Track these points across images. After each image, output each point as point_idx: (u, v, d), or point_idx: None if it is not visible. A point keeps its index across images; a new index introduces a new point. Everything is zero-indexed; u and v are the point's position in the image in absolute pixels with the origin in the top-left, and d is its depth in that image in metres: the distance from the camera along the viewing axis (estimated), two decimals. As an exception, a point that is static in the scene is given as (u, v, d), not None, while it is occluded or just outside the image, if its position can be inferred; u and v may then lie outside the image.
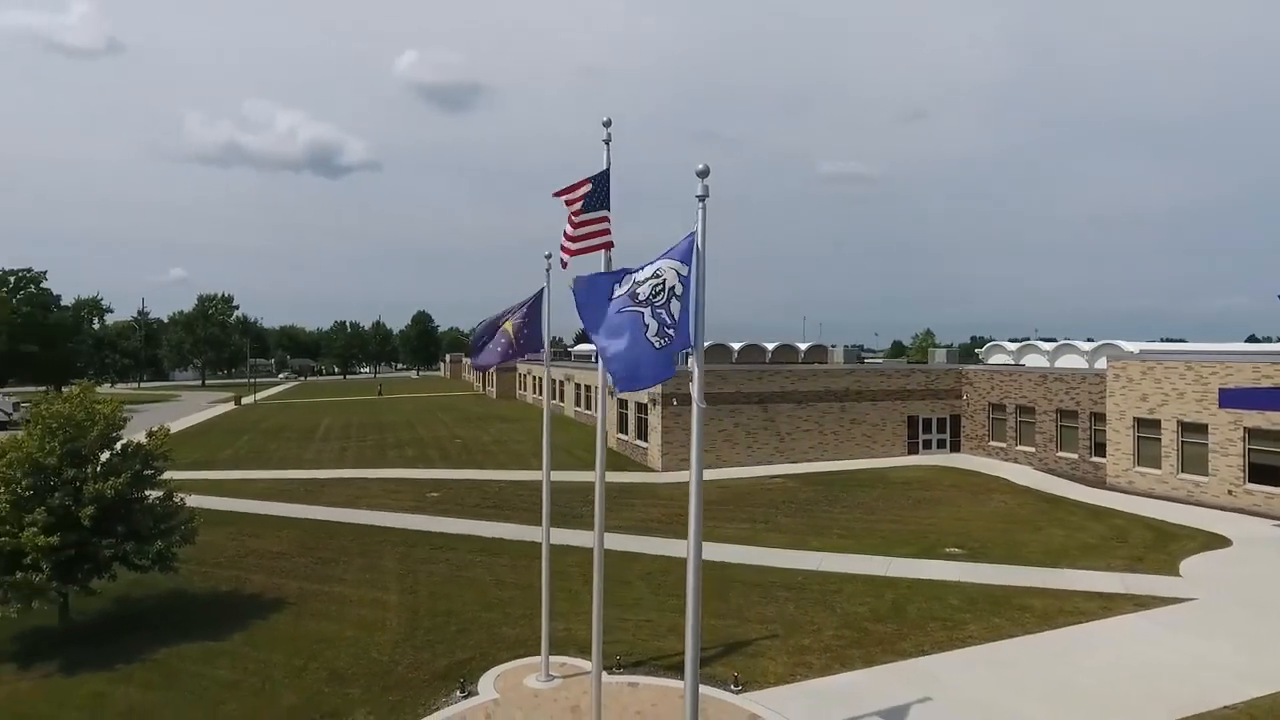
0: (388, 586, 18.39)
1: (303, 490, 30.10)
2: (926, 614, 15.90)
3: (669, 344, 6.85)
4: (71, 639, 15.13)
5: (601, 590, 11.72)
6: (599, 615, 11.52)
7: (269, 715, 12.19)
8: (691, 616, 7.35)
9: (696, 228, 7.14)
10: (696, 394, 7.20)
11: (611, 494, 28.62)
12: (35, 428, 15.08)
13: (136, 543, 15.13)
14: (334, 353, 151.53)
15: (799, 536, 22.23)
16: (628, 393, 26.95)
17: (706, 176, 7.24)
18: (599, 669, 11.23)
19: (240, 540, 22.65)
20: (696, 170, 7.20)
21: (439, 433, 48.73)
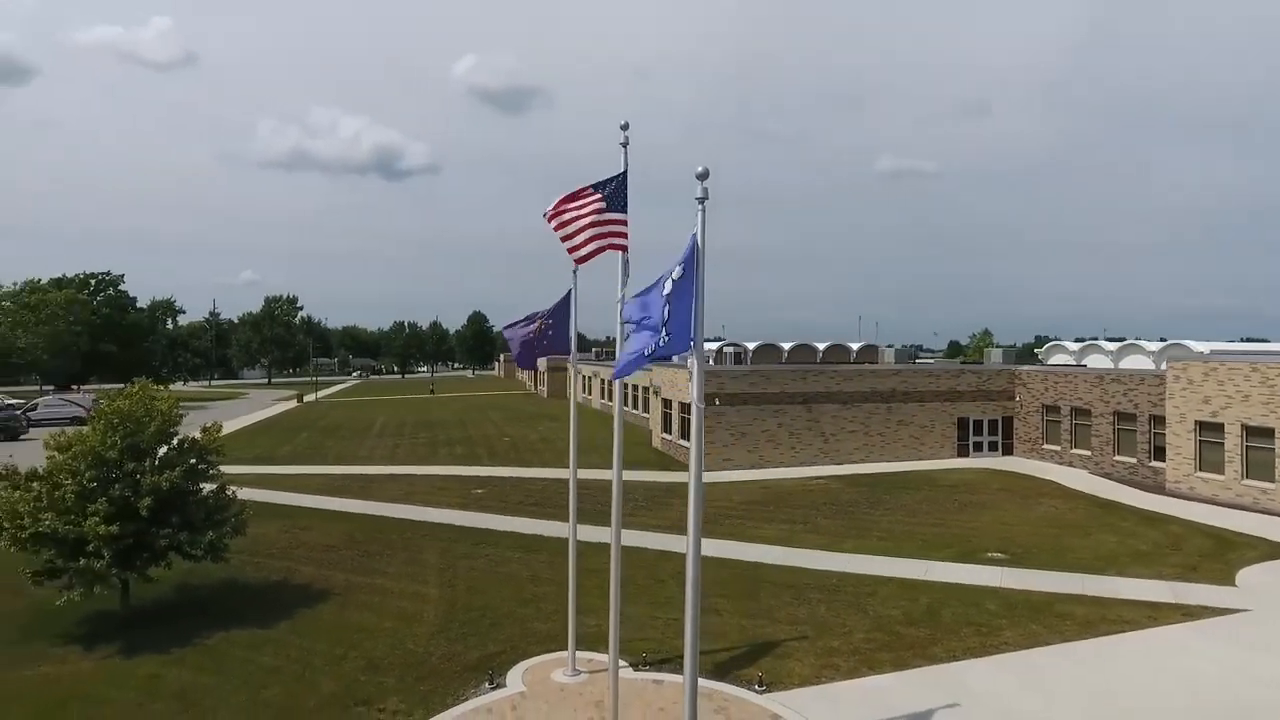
0: (428, 580, 18.91)
1: (355, 486, 31.08)
2: (961, 619, 15.64)
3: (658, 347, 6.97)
4: (132, 623, 15.98)
5: (619, 587, 11.90)
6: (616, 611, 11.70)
7: (307, 701, 12.71)
8: (690, 612, 7.46)
9: (696, 229, 7.26)
10: (695, 394, 7.32)
11: (652, 493, 28.96)
12: (99, 423, 15.99)
13: (190, 533, 15.92)
14: (393, 352, 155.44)
15: (837, 538, 22.04)
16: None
17: (706, 179, 7.35)
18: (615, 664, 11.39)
19: (292, 533, 23.55)
20: (696, 173, 7.32)
21: (488, 431, 49.64)
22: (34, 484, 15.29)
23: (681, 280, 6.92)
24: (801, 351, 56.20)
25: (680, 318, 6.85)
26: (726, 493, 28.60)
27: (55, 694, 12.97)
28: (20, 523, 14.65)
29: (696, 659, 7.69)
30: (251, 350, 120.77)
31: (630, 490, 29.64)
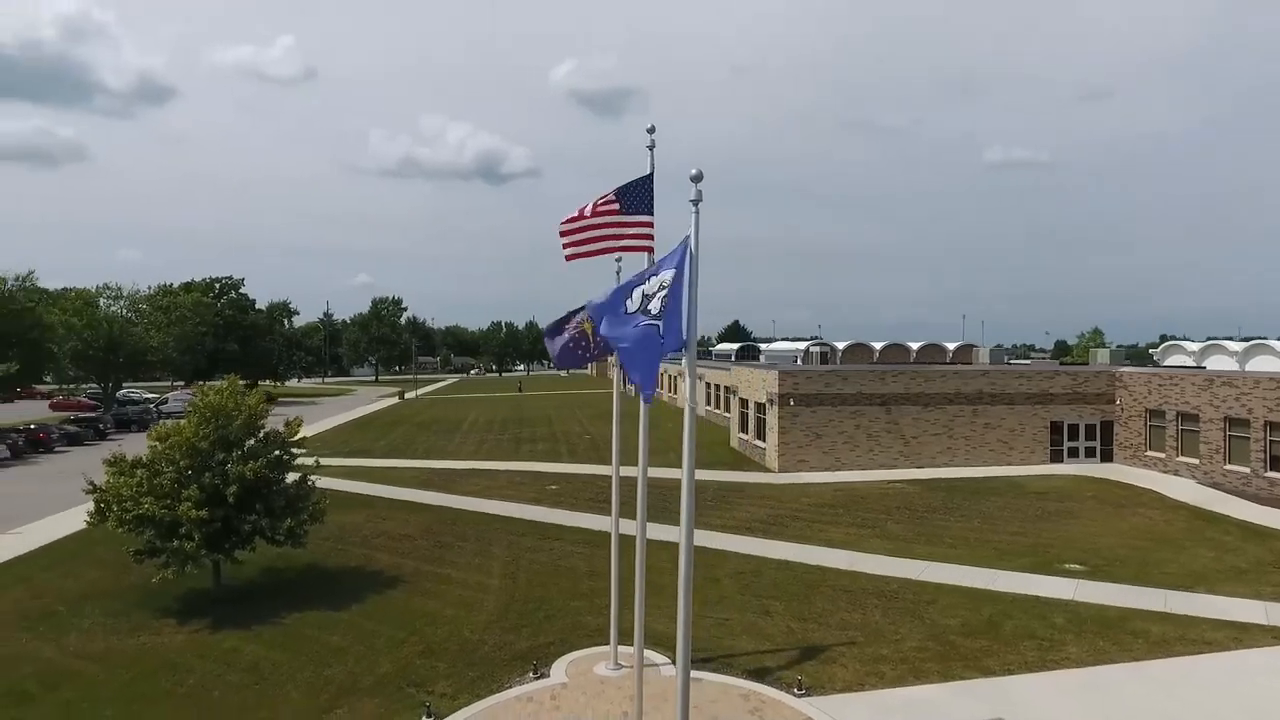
0: (492, 571, 19.63)
1: (439, 479, 32.46)
2: (1023, 632, 14.99)
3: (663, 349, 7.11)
4: (222, 601, 17.36)
5: (644, 584, 12.07)
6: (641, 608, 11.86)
7: (365, 679, 13.51)
8: (683, 606, 7.58)
9: (690, 232, 7.38)
10: (688, 395, 7.43)
11: (722, 492, 28.94)
12: (194, 416, 17.46)
13: (271, 519, 17.16)
14: (491, 351, 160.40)
15: (906, 544, 21.44)
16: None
17: (700, 181, 7.45)
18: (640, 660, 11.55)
19: (375, 522, 24.88)
20: (690, 175, 7.43)
21: (571, 428, 50.68)
22: (138, 471, 16.84)
23: (675, 285, 7.05)
24: (894, 351, 54.64)
25: (671, 319, 6.99)
26: (798, 495, 28.25)
27: (149, 662, 14.28)
28: (125, 505, 16.19)
29: (689, 653, 7.78)
30: (360, 349, 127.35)
31: (701, 489, 29.74)
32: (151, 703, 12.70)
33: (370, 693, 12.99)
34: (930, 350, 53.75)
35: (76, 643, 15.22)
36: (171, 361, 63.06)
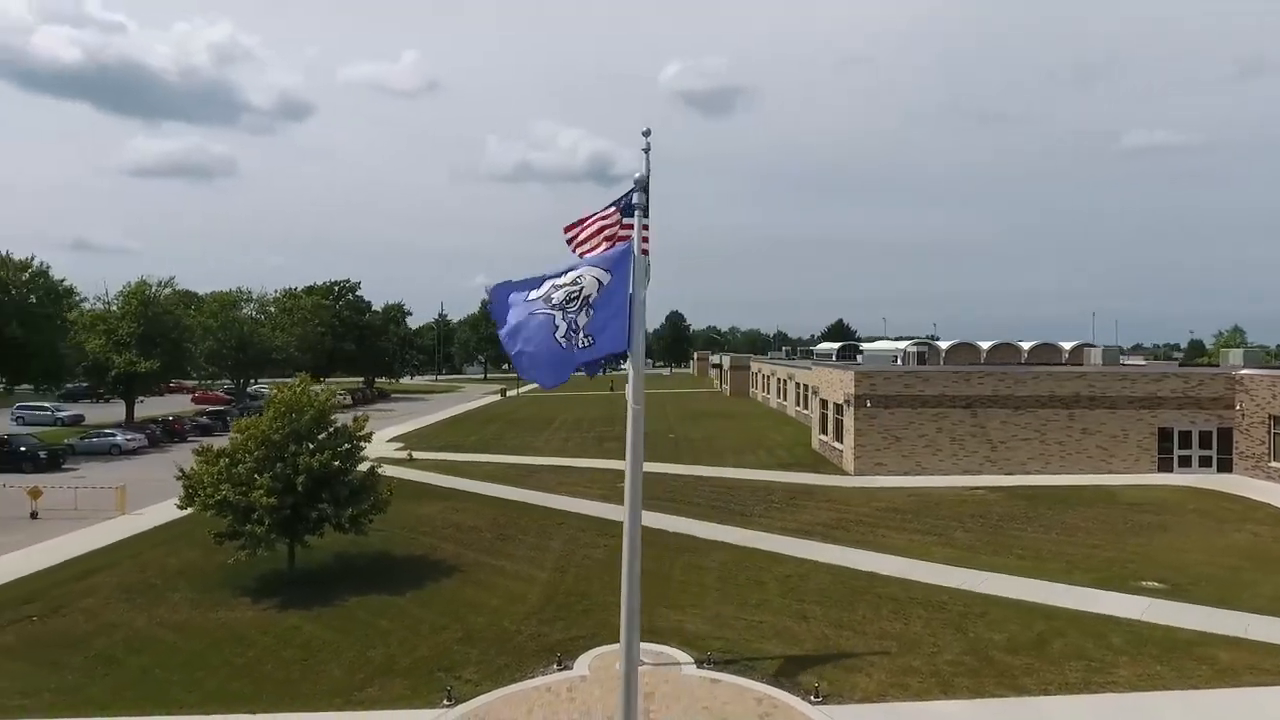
0: (544, 565, 20.22)
1: (517, 474, 33.57)
2: (1073, 651, 14.10)
3: (574, 348, 7.27)
4: (293, 582, 18.71)
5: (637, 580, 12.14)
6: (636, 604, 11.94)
7: (402, 661, 14.30)
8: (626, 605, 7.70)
9: (633, 235, 7.50)
10: (631, 396, 7.56)
11: (792, 494, 28.52)
12: (270, 411, 18.92)
13: (336, 508, 18.38)
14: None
15: (970, 553, 20.50)
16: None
17: (646, 187, 7.56)
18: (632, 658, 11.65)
19: (448, 514, 26.07)
20: (634, 178, 7.56)
21: (656, 427, 50.99)
22: (221, 460, 18.42)
23: (613, 286, 7.20)
24: (1003, 351, 52.00)
25: (604, 321, 7.14)
26: (868, 499, 27.46)
27: (219, 634, 15.64)
28: (207, 492, 17.78)
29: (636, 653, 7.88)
30: (470, 348, 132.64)
31: (768, 490, 29.44)
32: (212, 671, 13.93)
33: (403, 674, 13.74)
34: (1043, 350, 50.78)
35: (163, 613, 16.84)
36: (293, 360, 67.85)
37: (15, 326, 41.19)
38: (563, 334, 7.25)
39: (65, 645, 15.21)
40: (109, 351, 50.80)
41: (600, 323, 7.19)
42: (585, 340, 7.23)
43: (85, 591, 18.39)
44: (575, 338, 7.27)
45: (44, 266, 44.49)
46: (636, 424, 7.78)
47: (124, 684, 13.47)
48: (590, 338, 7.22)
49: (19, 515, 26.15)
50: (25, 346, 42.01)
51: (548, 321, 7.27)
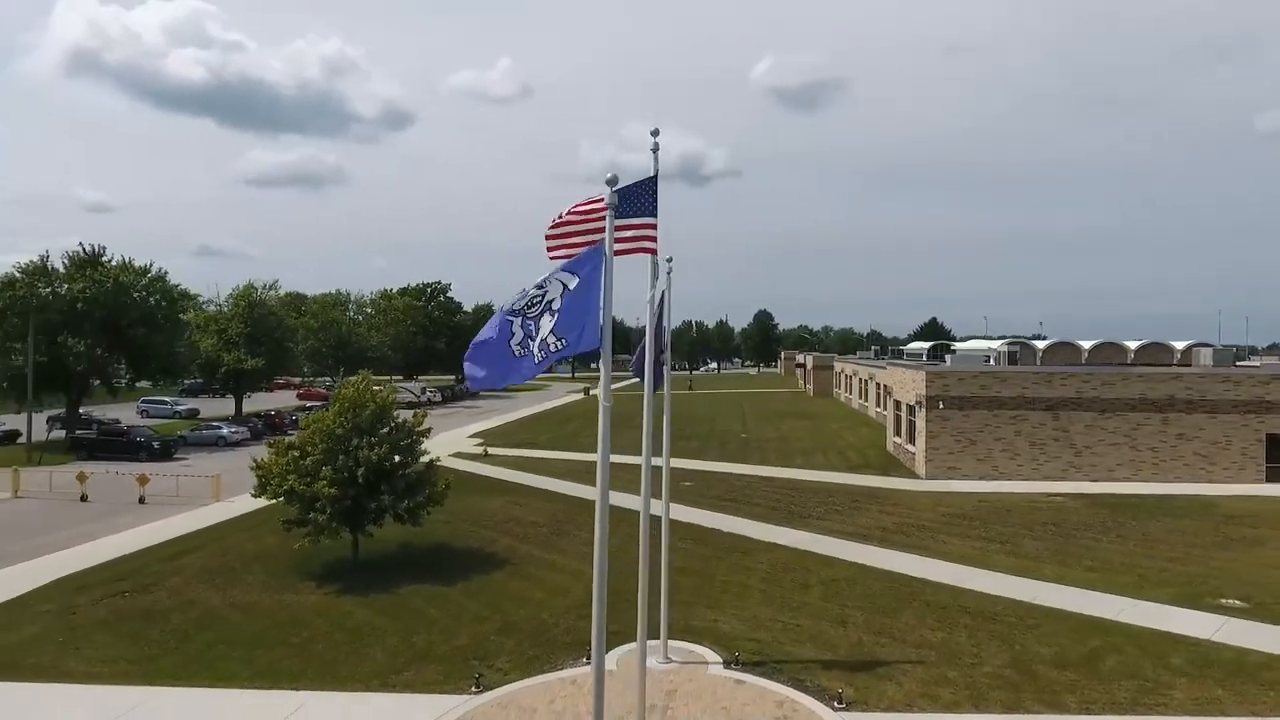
0: (589, 559, 20.41)
1: (582, 470, 34.09)
2: (1126, 669, 13.28)
3: (531, 353, 7.40)
4: (356, 570, 19.70)
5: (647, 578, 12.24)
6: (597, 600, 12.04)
7: (440, 648, 14.87)
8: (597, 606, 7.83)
9: (605, 237, 7.62)
10: (601, 393, 7.69)
11: (853, 497, 27.83)
12: (335, 406, 19.99)
13: (394, 499, 19.26)
14: (680, 350, 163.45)
15: (1035, 563, 19.54)
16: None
17: (616, 185, 7.69)
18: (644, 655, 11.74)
19: (511, 508, 26.80)
20: (606, 179, 7.68)
21: (731, 427, 50.73)
22: (290, 452, 19.61)
23: (579, 289, 7.32)
24: (1106, 351, 49.26)
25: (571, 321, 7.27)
26: (935, 504, 26.51)
27: (281, 616, 16.66)
28: (275, 482, 18.97)
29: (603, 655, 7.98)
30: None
31: (833, 493, 28.87)
32: (268, 649, 14.87)
33: (440, 660, 14.29)
34: (1152, 350, 47.78)
35: (236, 594, 18.08)
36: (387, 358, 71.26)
37: (137, 327, 44.94)
38: (519, 340, 7.43)
39: (147, 619, 16.55)
40: (219, 350, 54.70)
41: (570, 323, 7.33)
42: (558, 343, 7.37)
43: (173, 571, 19.92)
44: (531, 344, 7.42)
45: (161, 272, 48.30)
46: (605, 420, 7.90)
47: (190, 658, 14.56)
48: (563, 340, 7.36)
49: (130, 500, 28.51)
50: (145, 346, 45.79)
51: (506, 327, 7.44)
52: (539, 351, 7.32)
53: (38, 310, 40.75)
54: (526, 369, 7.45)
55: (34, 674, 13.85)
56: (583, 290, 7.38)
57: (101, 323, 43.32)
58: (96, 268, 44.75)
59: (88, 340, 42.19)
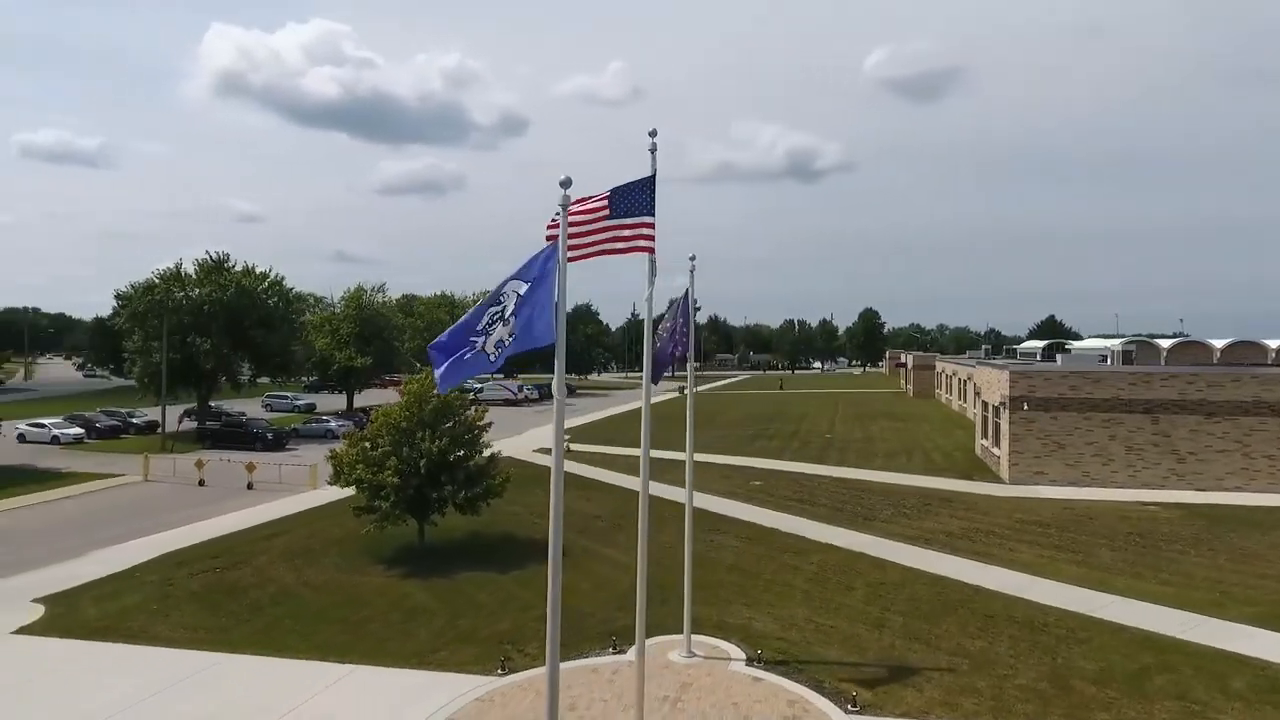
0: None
1: (656, 468, 33.99)
2: (1175, 690, 12.43)
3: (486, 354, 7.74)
4: (421, 556, 20.83)
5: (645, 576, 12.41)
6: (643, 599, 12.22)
7: (481, 632, 15.62)
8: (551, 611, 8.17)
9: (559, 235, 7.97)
10: (555, 387, 8.04)
11: (925, 500, 26.93)
12: (404, 400, 21.23)
13: (453, 490, 20.29)
14: (783, 349, 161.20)
15: (1106, 575, 18.41)
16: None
17: (569, 186, 8.03)
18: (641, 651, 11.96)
19: (578, 502, 27.46)
20: (559, 181, 8.03)
21: (817, 427, 49.79)
22: (362, 444, 21.00)
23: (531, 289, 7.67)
24: (1242, 350, 45.74)
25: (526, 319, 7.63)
26: (1011, 509, 25.28)
27: (345, 594, 17.91)
28: (345, 471, 20.38)
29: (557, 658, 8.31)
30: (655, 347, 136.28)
31: (906, 495, 28.05)
32: (328, 624, 16.07)
33: (478, 643, 15.03)
34: (1243, 349, 43.68)
35: (311, 574, 19.55)
36: (491, 356, 74.09)
37: (256, 328, 48.85)
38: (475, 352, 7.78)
39: (230, 593, 18.19)
40: (332, 349, 58.55)
41: (521, 321, 7.67)
42: (509, 337, 7.74)
43: (261, 551, 21.72)
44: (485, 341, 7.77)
45: (279, 277, 52.24)
46: (559, 413, 8.24)
47: (259, 629, 15.93)
48: (512, 335, 7.74)
49: (240, 486, 31.15)
50: (264, 345, 49.69)
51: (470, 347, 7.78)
52: (494, 349, 7.72)
53: (171, 312, 45.01)
54: (481, 365, 7.84)
55: (126, 636, 15.55)
56: (533, 289, 7.74)
57: (225, 324, 47.31)
58: (222, 273, 48.91)
59: (214, 340, 46.18)
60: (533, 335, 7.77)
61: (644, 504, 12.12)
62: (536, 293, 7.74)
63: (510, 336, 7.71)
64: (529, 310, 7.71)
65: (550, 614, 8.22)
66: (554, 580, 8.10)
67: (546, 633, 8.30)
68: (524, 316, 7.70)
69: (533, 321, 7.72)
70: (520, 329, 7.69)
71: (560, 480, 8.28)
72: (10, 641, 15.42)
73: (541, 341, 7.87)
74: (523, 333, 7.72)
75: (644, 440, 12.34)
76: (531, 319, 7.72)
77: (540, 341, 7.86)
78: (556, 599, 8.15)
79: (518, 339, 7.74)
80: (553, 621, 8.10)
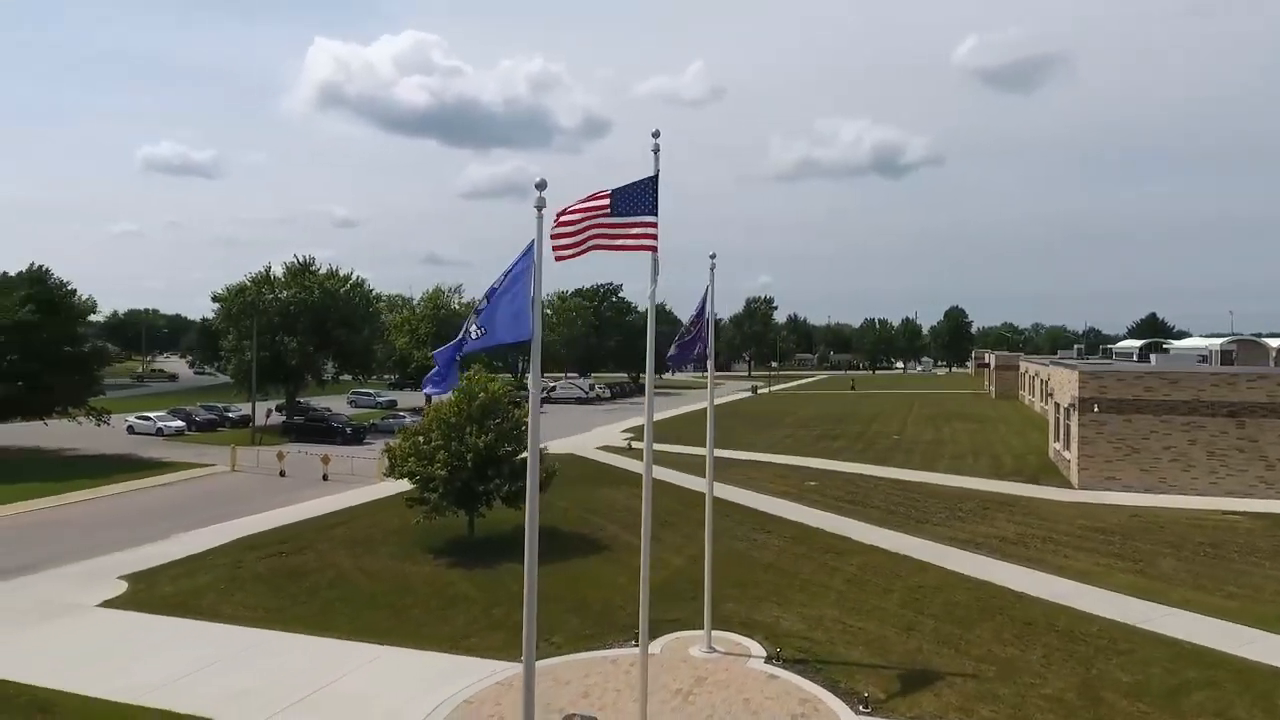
0: (683, 551, 21.08)
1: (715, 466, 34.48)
2: (1214, 707, 11.80)
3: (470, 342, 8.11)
4: (470, 547, 21.57)
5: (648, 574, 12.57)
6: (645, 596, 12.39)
7: (511, 620, 15.99)
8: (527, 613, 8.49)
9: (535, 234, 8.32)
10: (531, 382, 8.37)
11: (984, 504, 26.11)
12: (455, 396, 22.07)
13: (498, 484, 20.99)
14: (864, 349, 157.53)
15: (1164, 585, 17.50)
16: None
17: (544, 189, 8.37)
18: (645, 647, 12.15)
19: (629, 498, 27.89)
20: (535, 182, 8.37)
21: (885, 428, 48.65)
22: (415, 438, 21.96)
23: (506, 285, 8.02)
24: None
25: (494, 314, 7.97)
26: (1075, 515, 24.20)
27: (395, 581, 18.78)
28: (397, 463, 21.37)
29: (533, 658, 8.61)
30: (734, 346, 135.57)
31: (965, 499, 27.26)
32: (375, 609, 16.90)
33: (508, 630, 15.52)
34: None
35: (366, 561, 20.59)
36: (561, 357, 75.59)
37: (339, 327, 51.38)
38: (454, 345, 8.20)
39: (291, 576, 19.35)
40: (410, 348, 60.98)
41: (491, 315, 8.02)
42: (479, 331, 8.11)
43: (324, 538, 22.98)
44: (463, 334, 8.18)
45: (359, 279, 54.78)
46: (534, 405, 8.57)
47: (312, 611, 16.93)
48: (483, 329, 8.10)
49: (316, 477, 32.95)
50: (345, 344, 52.22)
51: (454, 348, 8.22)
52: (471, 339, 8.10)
53: (261, 313, 47.86)
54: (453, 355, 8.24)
55: (194, 612, 16.80)
56: (509, 285, 8.08)
57: (310, 323, 49.95)
58: (307, 275, 51.65)
59: (299, 339, 48.83)
60: (504, 330, 8.11)
61: (647, 503, 12.34)
62: (513, 288, 8.09)
63: (480, 330, 8.06)
64: (505, 304, 8.06)
65: (525, 618, 8.55)
66: (529, 576, 8.43)
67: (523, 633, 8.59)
68: (495, 310, 8.04)
69: (510, 317, 8.05)
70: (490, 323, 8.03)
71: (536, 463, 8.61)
72: (94, 613, 16.92)
73: (517, 337, 8.21)
74: (499, 329, 8.06)
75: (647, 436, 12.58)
76: (503, 313, 8.06)
77: (515, 336, 8.21)
78: (532, 603, 8.48)
79: (489, 334, 8.09)
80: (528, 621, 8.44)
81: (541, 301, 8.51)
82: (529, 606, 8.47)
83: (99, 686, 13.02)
